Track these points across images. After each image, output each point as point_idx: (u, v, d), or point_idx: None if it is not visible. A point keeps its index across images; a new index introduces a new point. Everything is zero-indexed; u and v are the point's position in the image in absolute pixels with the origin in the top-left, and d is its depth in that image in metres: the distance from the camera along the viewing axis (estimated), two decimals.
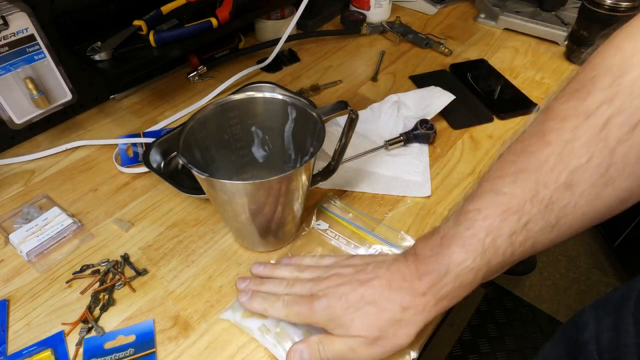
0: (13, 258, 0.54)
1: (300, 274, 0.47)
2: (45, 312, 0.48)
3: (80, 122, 0.73)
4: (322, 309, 0.41)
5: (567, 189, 0.34)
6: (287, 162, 0.56)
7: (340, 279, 0.43)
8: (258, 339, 0.45)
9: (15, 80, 0.58)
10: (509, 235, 0.36)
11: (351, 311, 0.40)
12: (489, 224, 0.37)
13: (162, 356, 0.44)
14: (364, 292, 0.41)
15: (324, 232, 0.55)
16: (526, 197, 0.36)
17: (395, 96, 0.71)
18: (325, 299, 0.41)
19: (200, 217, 0.58)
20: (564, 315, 1.41)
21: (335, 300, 0.41)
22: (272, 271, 0.49)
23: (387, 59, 0.87)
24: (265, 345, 0.45)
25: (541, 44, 0.91)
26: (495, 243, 0.37)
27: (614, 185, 0.34)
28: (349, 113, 0.50)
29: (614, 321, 0.43)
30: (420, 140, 0.66)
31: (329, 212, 0.57)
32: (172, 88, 0.80)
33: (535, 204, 0.35)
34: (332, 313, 0.41)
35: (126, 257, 0.53)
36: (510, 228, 0.36)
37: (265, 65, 0.82)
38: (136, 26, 0.66)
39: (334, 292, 0.42)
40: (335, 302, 0.41)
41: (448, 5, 1.05)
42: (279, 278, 0.47)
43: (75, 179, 0.63)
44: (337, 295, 0.41)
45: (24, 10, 0.56)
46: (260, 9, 0.79)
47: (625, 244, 1.44)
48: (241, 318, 0.46)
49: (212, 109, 0.50)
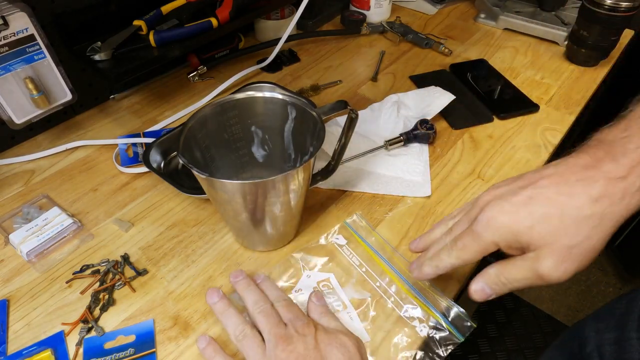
0: (13, 258, 0.54)
1: (454, 219, 0.42)
2: (45, 312, 0.48)
3: (80, 122, 0.73)
4: (484, 225, 0.34)
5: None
6: (287, 161, 0.56)
7: (495, 193, 0.35)
8: None
9: (15, 80, 0.58)
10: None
11: (523, 217, 0.32)
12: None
13: (162, 356, 0.44)
14: (532, 194, 0.33)
15: (340, 247, 0.54)
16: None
17: (395, 96, 0.71)
18: (484, 214, 0.34)
19: (200, 217, 0.58)
20: (564, 315, 1.41)
21: (497, 210, 0.33)
22: (428, 237, 0.44)
23: (387, 59, 0.87)
24: None
25: (541, 44, 0.91)
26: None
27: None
28: (349, 113, 0.50)
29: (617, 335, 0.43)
30: (420, 140, 0.66)
31: (351, 230, 0.55)
32: (172, 88, 0.80)
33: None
34: (497, 223, 0.33)
35: (126, 257, 0.53)
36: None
37: (265, 65, 0.82)
38: (136, 26, 0.66)
39: (493, 205, 0.34)
40: (497, 213, 0.33)
41: (448, 5, 1.05)
42: (438, 237, 0.42)
43: (75, 179, 0.63)
44: (497, 207, 0.34)
45: (24, 10, 0.56)
46: (260, 9, 0.79)
47: (625, 244, 1.44)
48: None
49: (212, 108, 0.50)
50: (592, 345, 0.45)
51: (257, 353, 0.40)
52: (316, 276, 0.51)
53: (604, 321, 0.45)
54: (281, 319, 0.42)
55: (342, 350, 0.39)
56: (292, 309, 0.43)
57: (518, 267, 0.33)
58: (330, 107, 0.50)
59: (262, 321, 0.42)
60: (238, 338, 0.42)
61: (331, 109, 0.50)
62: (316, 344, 0.39)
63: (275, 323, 0.41)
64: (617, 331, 0.43)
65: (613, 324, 0.44)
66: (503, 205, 0.33)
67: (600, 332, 0.45)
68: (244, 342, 0.41)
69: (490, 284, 0.36)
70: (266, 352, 0.40)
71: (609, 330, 0.44)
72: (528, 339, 1.33)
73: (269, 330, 0.41)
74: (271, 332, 0.40)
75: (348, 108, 0.50)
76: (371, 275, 0.51)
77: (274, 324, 0.41)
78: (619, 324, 0.43)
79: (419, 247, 0.44)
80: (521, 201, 0.33)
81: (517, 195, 0.33)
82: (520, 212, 0.33)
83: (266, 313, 0.42)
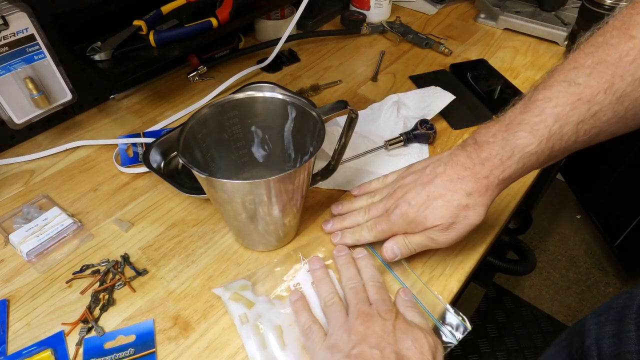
0: (13, 258, 0.54)
1: (372, 199, 0.53)
2: (45, 312, 0.48)
3: (80, 122, 0.73)
4: (398, 218, 0.47)
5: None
6: (287, 161, 0.56)
7: (405, 189, 0.48)
8: (236, 325, 0.46)
9: (15, 80, 0.58)
10: (576, 124, 0.38)
11: (422, 210, 0.45)
12: (558, 112, 0.39)
13: (162, 356, 0.44)
14: (429, 191, 0.45)
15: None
16: (601, 88, 0.37)
17: (395, 96, 0.71)
18: (398, 210, 0.47)
19: (200, 217, 0.58)
20: (564, 315, 1.41)
21: (406, 207, 0.46)
22: (350, 206, 0.55)
23: (387, 59, 0.87)
24: (240, 333, 0.45)
25: (541, 44, 0.91)
26: (561, 130, 0.39)
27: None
28: (349, 112, 0.50)
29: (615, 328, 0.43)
30: (420, 140, 0.66)
31: None
32: (172, 88, 0.80)
33: (608, 95, 0.37)
34: (407, 218, 0.46)
35: (126, 257, 0.53)
36: (578, 117, 0.38)
37: (265, 65, 0.82)
38: (136, 26, 0.66)
39: (402, 201, 0.47)
40: (407, 209, 0.46)
41: (448, 5, 1.05)
42: (357, 209, 0.53)
43: (75, 179, 0.63)
44: (406, 203, 0.47)
45: (24, 10, 0.56)
46: (260, 9, 0.79)
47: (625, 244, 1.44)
48: (228, 299, 0.47)
49: (212, 108, 0.50)
50: (591, 339, 0.45)
51: (339, 318, 0.43)
52: None
53: (603, 314, 0.45)
54: (368, 298, 0.45)
55: (415, 344, 0.40)
56: (381, 292, 0.46)
57: (419, 237, 0.47)
58: (330, 107, 0.50)
59: (351, 296, 0.45)
60: (327, 304, 0.45)
61: (331, 109, 0.50)
62: (393, 329, 0.41)
63: (362, 300, 0.44)
64: (616, 324, 0.43)
65: (612, 317, 0.44)
66: (411, 204, 0.46)
67: (600, 324, 0.45)
68: (331, 308, 0.45)
69: (399, 246, 0.48)
70: (347, 321, 0.43)
71: (609, 323, 0.44)
72: (528, 339, 1.33)
73: (355, 305, 0.44)
74: (356, 307, 0.43)
75: (348, 108, 0.50)
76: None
77: (360, 300, 0.44)
78: (618, 317, 0.43)
79: (339, 211, 0.56)
80: (423, 201, 0.45)
81: (420, 195, 0.46)
82: (421, 209, 0.45)
83: (356, 290, 0.46)
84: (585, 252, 1.59)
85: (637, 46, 0.35)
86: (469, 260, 0.52)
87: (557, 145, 0.40)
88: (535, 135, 0.40)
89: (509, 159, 0.42)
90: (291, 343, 0.44)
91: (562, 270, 1.54)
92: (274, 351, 0.44)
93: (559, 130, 0.39)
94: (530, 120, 0.40)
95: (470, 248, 0.53)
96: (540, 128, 0.40)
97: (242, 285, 0.49)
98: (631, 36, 0.36)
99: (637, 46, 0.35)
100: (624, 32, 0.36)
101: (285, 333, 0.45)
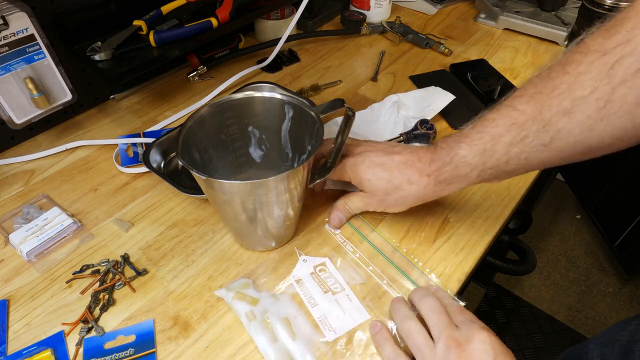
0: (13, 258, 0.54)
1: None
2: (45, 312, 0.48)
3: (80, 122, 0.73)
4: (350, 165, 0.52)
5: (565, 114, 0.39)
6: (285, 161, 0.56)
7: (371, 147, 0.53)
8: (244, 323, 0.46)
9: (15, 80, 0.58)
10: (507, 145, 0.43)
11: (370, 172, 0.50)
12: (495, 132, 0.43)
13: (162, 356, 0.44)
14: (384, 160, 0.50)
15: (334, 235, 0.55)
16: (532, 115, 0.41)
17: (395, 96, 0.71)
18: (353, 158, 0.52)
19: (200, 217, 0.58)
20: (564, 315, 1.41)
21: (360, 159, 0.51)
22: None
23: (387, 59, 0.87)
24: (248, 331, 0.45)
25: (541, 44, 0.91)
26: (494, 147, 0.43)
27: (609, 121, 0.37)
28: (346, 111, 0.50)
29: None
30: (420, 140, 0.66)
31: (352, 228, 0.56)
32: (172, 88, 0.80)
33: (535, 122, 0.41)
34: (356, 170, 0.51)
35: (126, 257, 0.53)
36: (510, 139, 0.42)
37: (265, 65, 0.82)
38: (136, 26, 0.66)
39: (360, 154, 0.52)
40: (360, 161, 0.51)
41: (448, 5, 1.05)
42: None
43: (75, 179, 0.63)
44: (362, 156, 0.51)
45: (24, 10, 0.56)
46: (260, 9, 0.79)
47: (625, 244, 1.44)
48: (232, 299, 0.47)
49: (210, 109, 0.50)
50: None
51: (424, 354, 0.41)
52: (312, 261, 0.52)
53: (608, 345, 0.45)
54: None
55: None
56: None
57: (356, 201, 0.53)
58: (327, 106, 0.50)
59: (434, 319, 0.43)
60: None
61: (328, 107, 0.50)
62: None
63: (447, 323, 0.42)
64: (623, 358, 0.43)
65: (617, 351, 0.44)
66: (365, 160, 0.51)
67: (604, 357, 0.45)
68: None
69: (342, 211, 0.54)
70: (436, 354, 0.40)
71: (614, 357, 0.44)
72: (528, 339, 1.33)
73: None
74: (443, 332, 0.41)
75: (345, 106, 0.50)
76: (366, 262, 0.52)
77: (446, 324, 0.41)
78: (624, 352, 0.43)
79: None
80: (374, 163, 0.50)
81: (377, 158, 0.50)
82: (369, 170, 0.50)
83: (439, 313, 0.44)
84: (585, 252, 1.59)
85: (568, 81, 0.39)
86: (469, 260, 0.52)
87: (489, 161, 0.44)
88: (472, 148, 0.45)
89: (448, 164, 0.46)
90: (299, 333, 0.45)
91: (562, 270, 1.54)
92: (285, 343, 0.44)
93: (491, 148, 0.43)
94: (473, 136, 0.45)
95: (470, 248, 0.54)
96: (478, 143, 0.44)
97: (244, 283, 0.49)
98: (566, 72, 0.39)
99: (568, 81, 0.39)
100: (562, 67, 0.40)
101: (292, 324, 0.46)
